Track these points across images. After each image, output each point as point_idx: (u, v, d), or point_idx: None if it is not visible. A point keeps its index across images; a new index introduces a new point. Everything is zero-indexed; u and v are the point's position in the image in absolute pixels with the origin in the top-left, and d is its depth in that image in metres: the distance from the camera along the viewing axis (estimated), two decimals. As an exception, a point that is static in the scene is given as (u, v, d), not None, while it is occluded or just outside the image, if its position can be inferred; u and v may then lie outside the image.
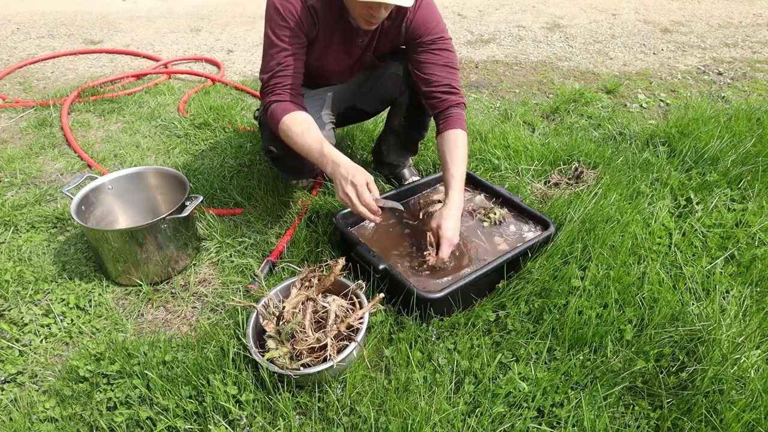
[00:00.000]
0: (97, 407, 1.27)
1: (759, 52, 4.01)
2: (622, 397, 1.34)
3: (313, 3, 1.58)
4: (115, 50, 3.93)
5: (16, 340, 1.50)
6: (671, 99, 3.16)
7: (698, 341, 1.41)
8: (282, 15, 1.55)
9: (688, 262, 1.75)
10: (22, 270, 1.71)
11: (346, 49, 1.75)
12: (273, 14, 1.56)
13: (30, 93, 3.18)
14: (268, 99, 1.61)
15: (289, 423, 1.23)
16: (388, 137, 2.12)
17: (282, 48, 1.58)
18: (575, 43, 4.19)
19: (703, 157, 2.28)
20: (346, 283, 1.44)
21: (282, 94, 1.60)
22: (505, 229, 1.78)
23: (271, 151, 1.84)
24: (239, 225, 1.92)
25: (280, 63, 1.59)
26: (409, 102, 1.92)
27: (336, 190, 1.48)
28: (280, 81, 1.60)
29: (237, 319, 1.47)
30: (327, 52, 1.72)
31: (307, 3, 1.57)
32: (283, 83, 1.60)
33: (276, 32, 1.57)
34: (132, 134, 2.64)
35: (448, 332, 1.48)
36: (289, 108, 1.57)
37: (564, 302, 1.54)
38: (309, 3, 1.57)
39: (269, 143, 1.82)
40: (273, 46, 1.58)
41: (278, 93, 1.60)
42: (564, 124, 2.74)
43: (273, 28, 1.57)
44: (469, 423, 1.23)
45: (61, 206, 2.05)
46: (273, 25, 1.57)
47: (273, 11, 1.56)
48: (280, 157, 1.84)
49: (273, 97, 1.60)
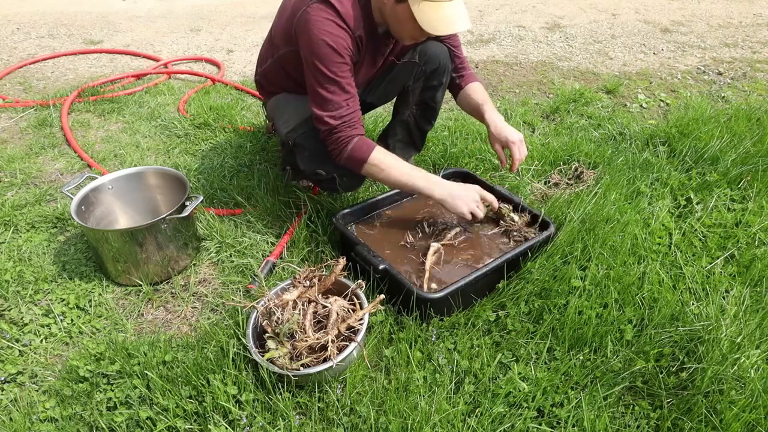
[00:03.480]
0: (97, 407, 1.27)
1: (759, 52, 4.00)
2: (622, 397, 1.34)
3: (360, 33, 1.57)
4: (115, 50, 3.93)
5: (16, 340, 1.50)
6: (671, 99, 3.16)
7: (698, 341, 1.41)
8: (338, 52, 1.51)
9: (688, 262, 1.75)
10: (22, 270, 1.71)
11: (373, 61, 1.76)
12: (327, 52, 1.51)
13: (30, 93, 3.18)
14: (346, 135, 1.58)
15: (289, 423, 1.23)
16: (397, 130, 2.11)
17: (344, 84, 1.56)
18: (575, 43, 4.19)
19: (703, 157, 2.28)
20: (346, 283, 1.44)
21: (357, 129, 1.59)
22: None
23: (318, 174, 1.78)
24: (239, 225, 1.92)
25: (347, 99, 1.57)
26: (423, 87, 1.94)
27: (458, 205, 1.62)
28: (353, 117, 1.58)
29: (237, 319, 1.47)
30: (359, 70, 1.73)
31: (355, 34, 1.55)
32: (355, 118, 1.59)
33: (333, 69, 1.53)
34: (132, 134, 2.64)
35: (448, 332, 1.48)
36: (371, 144, 1.58)
37: (564, 302, 1.54)
38: (356, 34, 1.56)
39: (315, 166, 1.76)
40: (334, 83, 1.54)
41: (355, 129, 1.58)
42: (564, 124, 2.74)
43: (329, 66, 1.52)
44: (469, 423, 1.23)
45: (61, 206, 2.05)
46: (328, 63, 1.52)
47: (326, 48, 1.50)
48: (327, 179, 1.78)
49: (351, 132, 1.58)
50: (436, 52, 1.87)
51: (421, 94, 1.98)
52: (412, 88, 1.97)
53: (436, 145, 2.42)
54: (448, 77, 1.93)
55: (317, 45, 1.50)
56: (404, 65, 1.90)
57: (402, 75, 1.93)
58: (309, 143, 1.75)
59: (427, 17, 1.47)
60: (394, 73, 1.92)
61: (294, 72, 1.74)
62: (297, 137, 1.78)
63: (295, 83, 1.76)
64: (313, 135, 1.69)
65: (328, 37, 1.50)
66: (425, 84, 1.94)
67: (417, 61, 1.88)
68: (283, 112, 1.86)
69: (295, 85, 1.77)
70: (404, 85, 1.97)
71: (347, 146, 1.58)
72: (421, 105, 2.02)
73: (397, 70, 1.92)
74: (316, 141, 1.68)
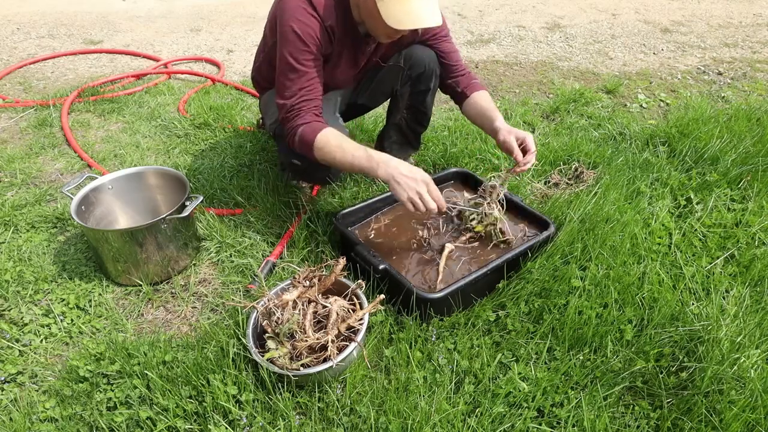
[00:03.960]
0: (97, 407, 1.27)
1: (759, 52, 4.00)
2: (622, 397, 1.34)
3: (331, 23, 1.56)
4: (115, 50, 3.93)
5: (16, 340, 1.50)
6: (671, 99, 3.16)
7: (698, 341, 1.41)
8: (302, 39, 1.52)
9: (688, 262, 1.75)
10: (22, 270, 1.71)
11: (354, 60, 1.75)
12: (292, 38, 1.52)
13: (30, 93, 3.18)
14: (295, 123, 1.58)
15: (289, 423, 1.23)
16: (391, 133, 2.11)
17: (303, 72, 1.55)
18: (575, 43, 4.19)
19: (703, 157, 2.28)
20: (346, 283, 1.44)
21: (307, 115, 1.58)
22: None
23: (294, 165, 1.80)
24: (239, 225, 1.92)
25: (302, 87, 1.56)
26: (411, 92, 1.93)
27: (397, 190, 1.46)
28: (305, 105, 1.58)
29: (237, 319, 1.47)
30: (337, 65, 1.72)
31: (326, 24, 1.55)
32: (307, 106, 1.58)
33: (296, 56, 1.54)
34: (132, 134, 2.64)
35: (448, 332, 1.48)
36: (318, 127, 1.56)
37: (564, 302, 1.54)
38: (327, 24, 1.55)
39: (291, 157, 1.77)
40: (294, 71, 1.55)
41: (303, 116, 1.57)
42: (564, 124, 2.74)
43: (292, 53, 1.54)
44: (469, 423, 1.23)
45: (61, 206, 2.05)
46: (293, 50, 1.53)
47: (292, 35, 1.52)
48: (305, 169, 1.80)
49: (299, 120, 1.57)
50: (422, 56, 1.85)
51: (410, 99, 1.97)
52: (400, 92, 1.96)
53: (436, 145, 2.42)
54: (437, 82, 1.91)
55: (286, 31, 1.53)
56: (389, 69, 1.89)
57: (388, 78, 1.92)
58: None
59: (391, 11, 1.45)
60: (380, 75, 1.92)
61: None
62: (276, 128, 1.81)
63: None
64: None
65: (296, 24, 1.51)
66: (413, 89, 1.92)
67: (402, 65, 1.87)
68: (270, 106, 1.88)
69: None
70: (392, 88, 1.96)
71: (296, 133, 1.58)
72: (411, 109, 2.01)
73: (383, 73, 1.91)
74: None
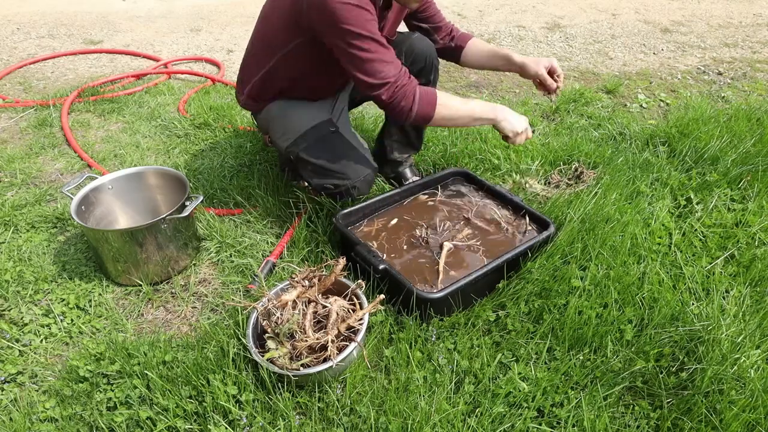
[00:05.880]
0: (97, 407, 1.27)
1: (759, 52, 4.00)
2: (622, 397, 1.34)
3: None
4: (115, 50, 3.93)
5: (16, 340, 1.50)
6: (671, 99, 3.16)
7: (698, 341, 1.41)
8: (365, 9, 1.43)
9: (688, 262, 1.75)
10: (22, 270, 1.71)
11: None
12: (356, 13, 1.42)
13: (30, 93, 3.18)
14: (410, 87, 1.53)
15: (289, 423, 1.23)
16: (392, 131, 2.10)
17: (381, 39, 1.49)
18: (575, 43, 4.19)
19: (703, 157, 2.28)
20: (346, 283, 1.44)
21: (413, 78, 1.56)
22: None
23: (327, 188, 1.74)
24: (239, 225, 1.92)
25: (391, 54, 1.52)
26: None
27: (513, 136, 1.71)
28: (404, 69, 1.54)
29: (237, 319, 1.47)
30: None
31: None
32: (405, 70, 1.55)
33: (368, 27, 1.45)
34: (132, 134, 2.64)
35: (448, 332, 1.48)
36: (429, 88, 1.58)
37: (564, 302, 1.54)
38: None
39: (323, 180, 1.72)
40: (372, 41, 1.47)
41: (412, 80, 1.55)
42: (564, 124, 2.74)
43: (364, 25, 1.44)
44: (469, 423, 1.23)
45: (61, 206, 2.05)
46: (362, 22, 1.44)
47: (354, 10, 1.42)
48: (339, 191, 1.74)
49: (412, 84, 1.54)
50: (422, 50, 1.84)
51: None
52: None
53: (436, 145, 2.42)
54: (437, 74, 1.92)
55: (342, 10, 1.42)
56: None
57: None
58: (312, 157, 1.72)
59: None
60: None
61: (306, 63, 1.67)
62: (299, 152, 1.74)
63: (292, 81, 1.73)
64: (316, 147, 1.66)
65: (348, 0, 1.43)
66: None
67: (402, 61, 1.86)
68: (278, 125, 1.80)
69: (292, 83, 1.73)
70: None
71: (414, 100, 1.54)
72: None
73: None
74: (319, 154, 1.65)
